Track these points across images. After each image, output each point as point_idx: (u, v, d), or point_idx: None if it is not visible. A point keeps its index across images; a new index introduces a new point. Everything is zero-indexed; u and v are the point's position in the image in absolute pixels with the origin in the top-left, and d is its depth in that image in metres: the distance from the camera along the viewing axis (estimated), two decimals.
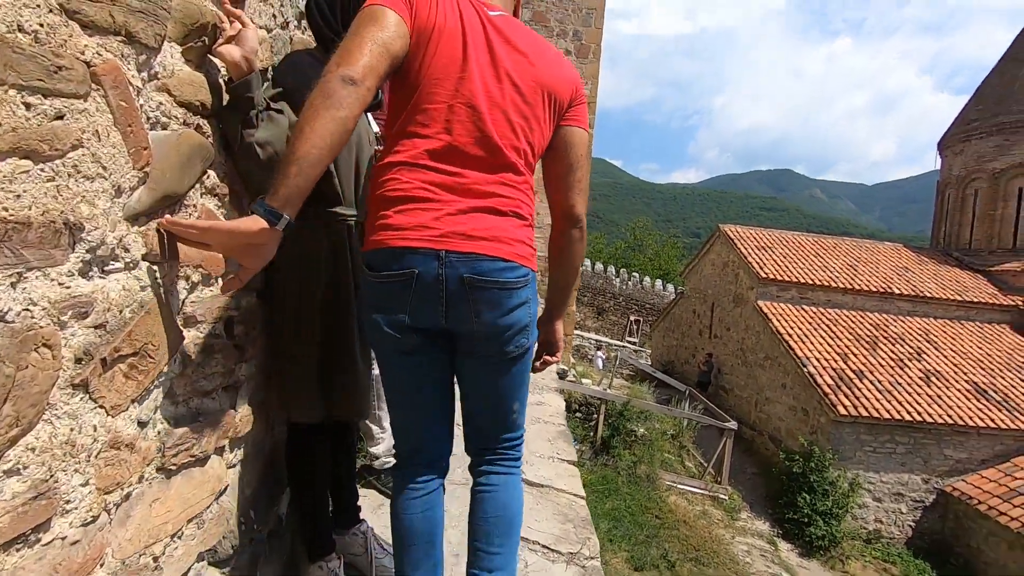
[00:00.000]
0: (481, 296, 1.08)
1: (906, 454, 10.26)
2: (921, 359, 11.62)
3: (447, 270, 1.06)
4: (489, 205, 1.10)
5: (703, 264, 16.52)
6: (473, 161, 1.09)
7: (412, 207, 1.06)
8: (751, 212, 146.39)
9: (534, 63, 1.16)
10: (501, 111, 1.12)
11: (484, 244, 1.07)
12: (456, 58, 1.09)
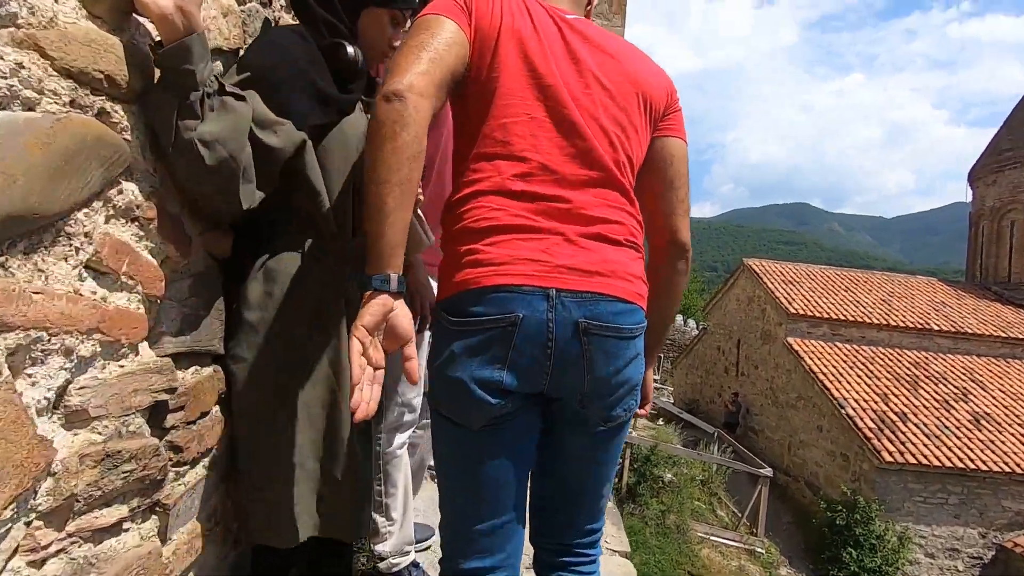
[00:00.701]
0: (597, 347, 0.89)
1: (960, 505, 9.45)
2: (968, 400, 10.87)
3: (558, 314, 0.86)
4: (601, 232, 0.91)
5: (727, 299, 15.99)
6: (573, 181, 0.91)
7: (510, 237, 0.87)
8: (769, 246, 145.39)
9: (623, 63, 0.99)
10: (593, 118, 0.94)
11: (602, 281, 0.89)
12: (532, 62, 0.93)
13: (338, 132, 0.98)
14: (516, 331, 0.86)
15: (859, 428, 9.85)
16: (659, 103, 1.03)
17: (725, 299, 16.10)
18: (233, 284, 0.93)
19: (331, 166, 0.98)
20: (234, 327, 0.92)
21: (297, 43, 0.92)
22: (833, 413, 10.55)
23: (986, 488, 9.42)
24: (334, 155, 0.98)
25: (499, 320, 0.86)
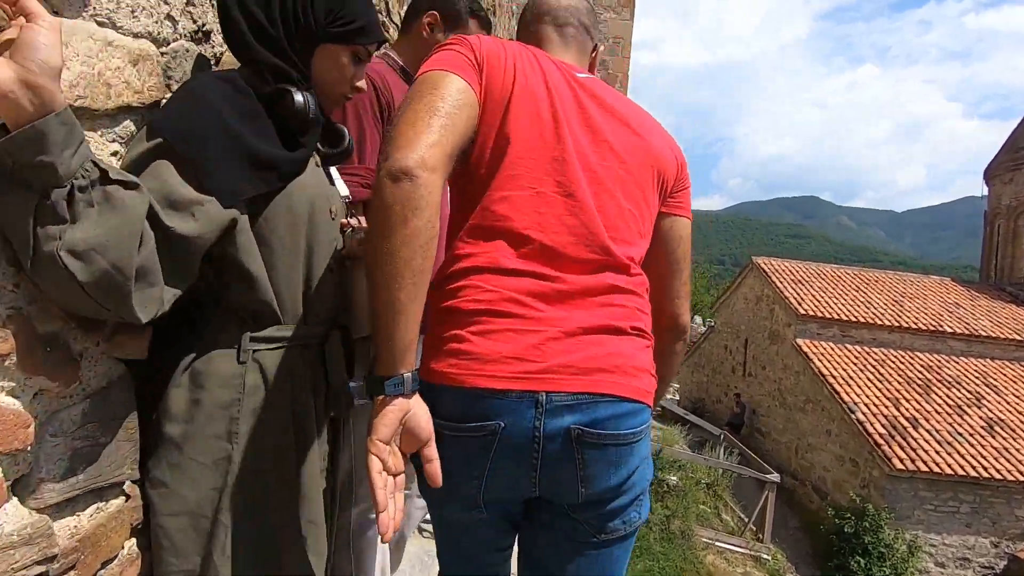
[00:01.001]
0: (594, 456, 0.79)
1: (972, 514, 9.25)
2: (981, 405, 10.63)
3: (548, 421, 0.76)
4: (605, 323, 0.82)
5: (735, 298, 15.75)
6: (577, 262, 0.82)
7: (501, 327, 0.77)
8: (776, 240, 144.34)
9: (639, 133, 0.93)
10: (608, 195, 0.87)
11: (602, 379, 0.79)
12: (543, 130, 0.85)
13: (284, 200, 0.82)
14: (496, 442, 0.77)
15: (869, 434, 9.65)
16: (671, 178, 0.97)
17: (733, 298, 15.86)
18: (156, 387, 0.77)
19: (275, 243, 0.81)
20: (154, 443, 0.76)
21: (227, 94, 0.74)
22: (843, 417, 10.35)
23: (999, 497, 9.21)
24: (279, 228, 0.82)
25: (479, 428, 0.77)
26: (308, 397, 0.86)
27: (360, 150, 1.18)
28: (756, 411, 13.85)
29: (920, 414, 10.21)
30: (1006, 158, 15.18)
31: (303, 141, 0.85)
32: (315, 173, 0.90)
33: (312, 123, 0.83)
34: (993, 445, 9.65)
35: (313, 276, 0.88)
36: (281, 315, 0.84)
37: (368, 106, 1.19)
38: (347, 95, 0.92)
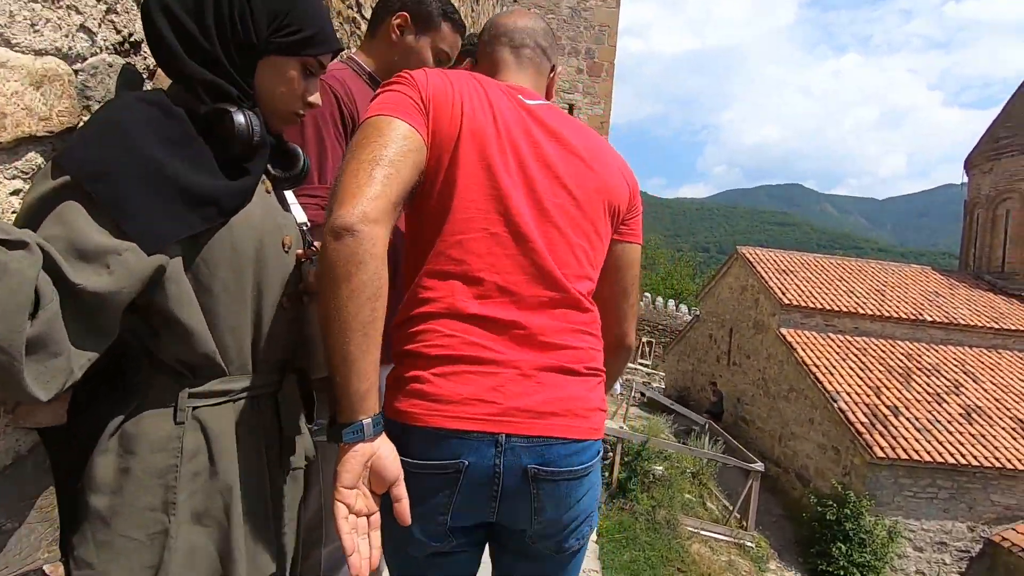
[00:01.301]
0: (547, 490, 0.85)
1: (949, 499, 9.45)
2: (960, 393, 10.83)
3: (507, 460, 0.81)
4: (560, 364, 0.86)
5: (720, 287, 15.83)
6: (532, 304, 0.86)
7: (461, 369, 0.81)
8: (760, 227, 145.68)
9: (591, 165, 0.93)
10: (558, 232, 0.88)
11: (556, 423, 0.84)
12: (494, 171, 0.86)
13: (226, 237, 0.72)
14: (461, 478, 0.81)
15: (851, 422, 9.78)
16: (623, 208, 0.99)
17: (718, 287, 15.94)
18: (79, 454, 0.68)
19: (217, 287, 0.72)
20: (78, 519, 0.67)
21: (151, 118, 0.64)
22: (825, 406, 10.48)
23: (975, 483, 9.41)
24: (221, 271, 0.72)
25: (444, 467, 0.80)
26: (259, 456, 0.77)
27: (321, 168, 1.07)
28: (740, 400, 13.99)
29: (900, 402, 10.37)
30: (986, 147, 15.35)
31: (248, 168, 0.75)
32: (264, 202, 0.80)
33: (257, 147, 0.73)
34: (970, 432, 9.84)
35: (263, 320, 0.78)
36: (225, 366, 0.74)
37: (329, 119, 1.08)
38: (298, 112, 0.82)
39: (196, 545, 0.70)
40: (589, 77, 11.21)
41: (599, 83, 11.22)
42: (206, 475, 0.71)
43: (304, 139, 1.05)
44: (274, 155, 0.84)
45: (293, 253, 0.86)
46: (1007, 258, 14.72)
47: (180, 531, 0.68)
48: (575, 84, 11.18)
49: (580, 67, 11.14)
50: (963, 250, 16.57)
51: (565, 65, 11.17)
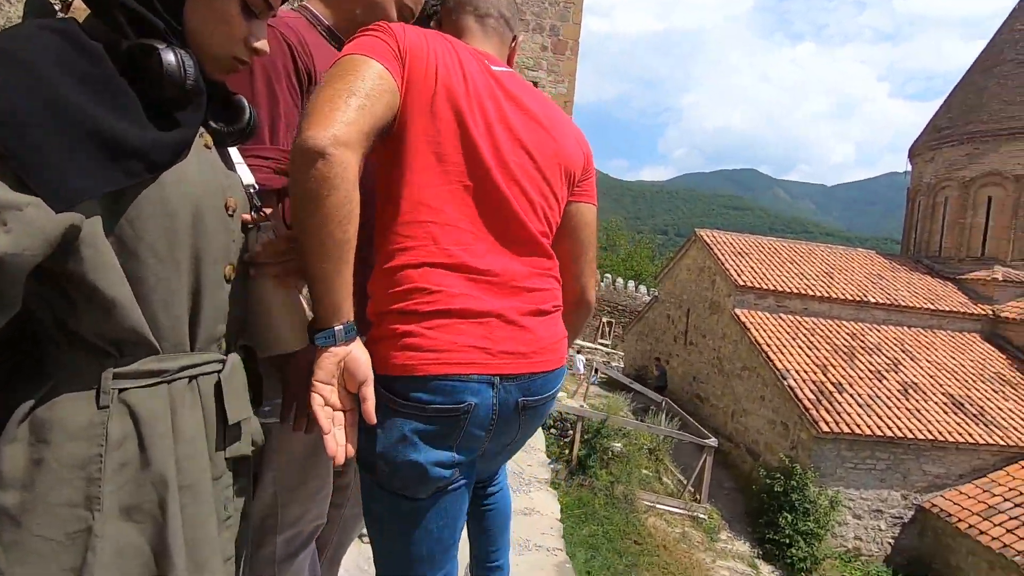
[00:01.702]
0: (530, 415, 1.00)
1: (886, 470, 10.05)
2: (898, 370, 11.46)
3: (501, 397, 0.92)
4: (535, 307, 0.97)
5: (678, 268, 16.17)
6: (507, 254, 0.94)
7: (451, 321, 0.88)
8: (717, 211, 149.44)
9: (550, 132, 1.01)
10: (521, 190, 0.95)
11: (537, 360, 0.96)
12: (467, 129, 0.90)
13: (155, 196, 0.62)
14: (468, 418, 0.90)
15: (799, 399, 10.22)
16: (578, 171, 1.07)
17: (677, 268, 16.27)
18: None
19: (145, 253, 0.62)
20: None
21: (60, 53, 0.54)
22: (776, 383, 10.91)
23: (910, 454, 10.02)
24: (150, 234, 0.63)
25: (453, 409, 0.88)
26: (199, 442, 0.69)
27: (273, 127, 0.96)
28: (696, 378, 14.42)
29: (845, 379, 10.90)
30: (929, 138, 16.06)
31: (181, 118, 0.65)
32: (203, 159, 0.70)
33: (191, 93, 0.64)
34: (907, 407, 10.44)
35: (203, 291, 0.70)
36: (158, 343, 0.66)
37: (282, 70, 0.95)
38: (240, 59, 0.72)
39: (125, 543, 0.62)
40: (553, 55, 11.07)
41: (563, 61, 11.10)
42: (136, 465, 0.62)
43: (253, 92, 0.93)
44: (216, 106, 0.74)
45: (239, 217, 0.77)
46: (944, 243, 15.56)
47: (106, 529, 0.60)
48: (539, 62, 11.03)
49: (544, 44, 10.99)
50: (905, 235, 17.41)
51: (529, 42, 10.99)
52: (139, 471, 0.63)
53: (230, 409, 0.73)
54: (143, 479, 0.63)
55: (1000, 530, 8.68)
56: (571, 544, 7.43)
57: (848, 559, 9.86)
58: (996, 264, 14.15)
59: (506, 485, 1.32)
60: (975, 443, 9.91)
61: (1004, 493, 9.40)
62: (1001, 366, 12.14)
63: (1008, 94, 14.47)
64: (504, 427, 0.95)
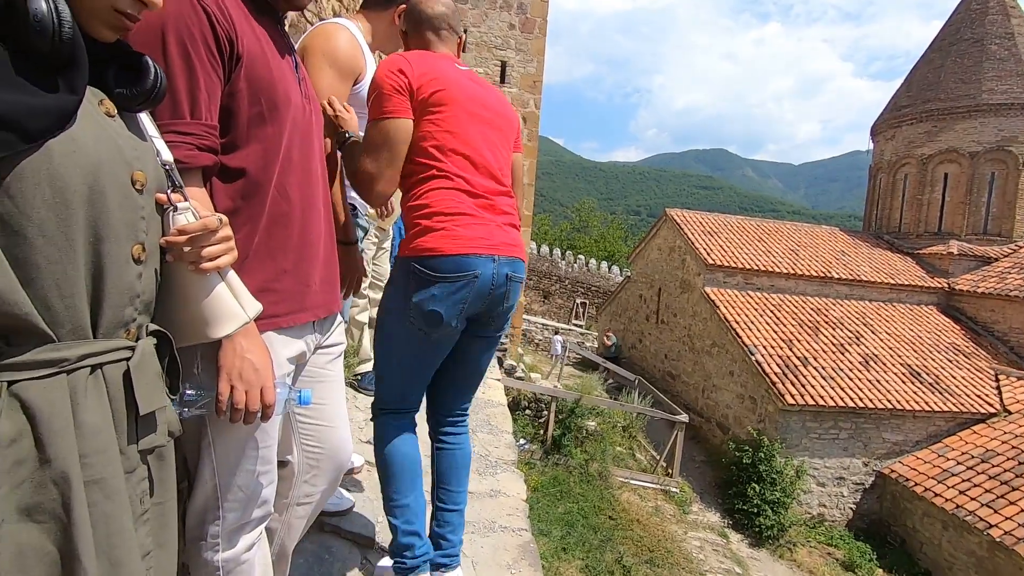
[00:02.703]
0: (512, 287, 1.44)
1: (848, 439, 10.43)
2: (860, 343, 11.85)
3: (498, 269, 1.39)
4: (509, 221, 1.47)
5: (649, 248, 16.33)
6: (493, 189, 1.44)
7: (469, 221, 1.37)
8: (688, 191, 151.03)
9: (501, 112, 1.53)
10: (495, 151, 1.48)
11: (515, 250, 1.45)
12: (463, 117, 1.42)
13: (40, 167, 0.57)
14: (477, 282, 1.35)
15: (766, 373, 10.50)
16: (516, 134, 1.61)
17: (648, 248, 16.43)
18: None
19: (30, 230, 0.57)
20: None
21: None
22: (744, 359, 11.18)
23: (870, 423, 10.42)
24: (35, 210, 0.57)
25: (466, 275, 1.34)
26: (105, 435, 0.64)
27: (193, 99, 0.88)
28: (667, 356, 14.68)
29: (809, 353, 11.23)
30: (889, 116, 16.44)
31: (64, 80, 0.59)
32: (101, 127, 0.64)
33: (66, 46, 0.57)
34: (868, 378, 10.83)
35: (105, 272, 0.64)
36: (52, 329, 0.60)
37: (199, 38, 0.87)
38: (123, 11, 0.65)
39: (26, 545, 0.57)
40: (522, 33, 10.90)
41: (532, 40, 10.95)
42: (33, 463, 0.57)
43: (167, 60, 0.85)
44: (118, 70, 0.68)
45: (149, 194, 0.71)
46: (903, 219, 16.05)
47: (3, 531, 0.56)
48: (507, 40, 10.86)
49: (512, 22, 10.81)
50: (867, 212, 17.89)
51: (497, 20, 10.79)
52: (38, 469, 0.58)
53: (141, 399, 0.68)
54: (43, 477, 0.58)
55: (953, 492, 9.13)
56: (547, 522, 7.54)
57: (813, 525, 10.25)
58: (952, 239, 14.68)
59: (467, 442, 1.60)
60: (931, 411, 10.35)
61: (957, 457, 9.87)
62: (955, 336, 12.67)
63: (964, 73, 14.88)
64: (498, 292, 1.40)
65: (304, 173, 1.07)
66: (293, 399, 0.96)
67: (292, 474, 1.18)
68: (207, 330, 0.80)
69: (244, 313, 0.83)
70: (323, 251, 1.13)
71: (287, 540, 1.22)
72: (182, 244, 0.74)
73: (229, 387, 0.86)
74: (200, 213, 0.77)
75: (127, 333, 0.70)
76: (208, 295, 0.79)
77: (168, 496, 0.76)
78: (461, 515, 1.51)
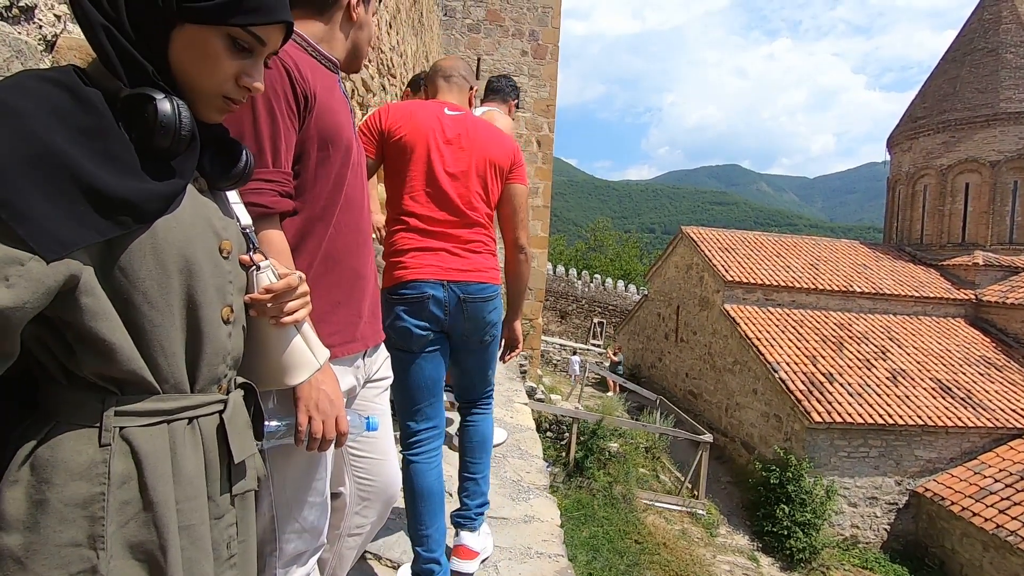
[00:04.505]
0: (470, 308, 1.65)
1: (879, 457, 10.16)
2: (886, 358, 11.61)
3: (449, 292, 1.62)
4: (468, 247, 1.67)
5: (666, 266, 16.27)
6: (453, 223, 1.66)
7: (421, 254, 1.63)
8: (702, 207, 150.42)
9: (483, 147, 1.71)
10: (465, 187, 1.68)
11: (470, 275, 1.65)
12: (424, 160, 1.65)
13: (146, 243, 0.63)
14: (430, 301, 1.60)
15: (791, 391, 10.32)
16: (505, 165, 1.76)
17: (665, 266, 16.38)
18: None
19: (139, 299, 0.63)
20: None
21: (57, 104, 0.54)
22: (767, 376, 11.00)
23: (901, 440, 10.15)
24: (142, 281, 0.63)
25: (422, 296, 1.60)
26: (197, 484, 0.69)
27: (275, 149, 0.96)
28: (688, 374, 14.51)
29: (835, 369, 11.02)
30: (905, 127, 16.33)
31: (176, 166, 0.65)
32: (196, 203, 0.70)
33: (185, 141, 0.64)
34: (896, 394, 10.58)
35: (201, 334, 0.70)
36: (158, 384, 0.66)
37: (281, 93, 0.96)
38: (232, 98, 0.71)
39: None
40: (534, 59, 11.13)
41: (544, 66, 11.16)
42: (137, 504, 0.63)
43: (255, 115, 0.93)
44: (210, 147, 0.75)
45: (235, 259, 0.77)
46: (925, 231, 15.81)
47: (112, 568, 0.61)
48: (520, 67, 11.08)
49: (525, 49, 11.04)
50: (886, 224, 17.66)
51: (509, 47, 11.04)
52: (141, 511, 0.63)
53: (235, 448, 0.73)
54: (145, 518, 0.63)
55: (992, 511, 8.81)
56: (572, 547, 7.43)
57: (846, 547, 9.94)
58: (976, 249, 14.41)
59: (483, 422, 1.85)
60: (964, 426, 10.06)
61: (994, 474, 9.54)
62: (986, 349, 12.35)
63: (980, 82, 14.77)
64: (457, 313, 1.62)
65: (357, 210, 1.14)
66: (362, 426, 1.02)
67: (344, 505, 1.22)
68: (284, 378, 0.86)
69: (316, 361, 0.89)
70: (371, 283, 1.20)
71: (339, 570, 1.26)
72: (266, 301, 0.80)
73: (307, 417, 0.92)
74: (279, 271, 0.83)
75: (219, 388, 0.75)
76: (286, 347, 0.85)
77: (250, 534, 0.80)
78: (477, 483, 1.81)
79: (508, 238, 1.82)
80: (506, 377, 3.64)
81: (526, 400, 3.33)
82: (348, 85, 2.80)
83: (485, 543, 1.84)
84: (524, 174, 1.81)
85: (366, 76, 3.00)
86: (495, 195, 1.73)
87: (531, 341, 11.91)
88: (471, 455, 1.82)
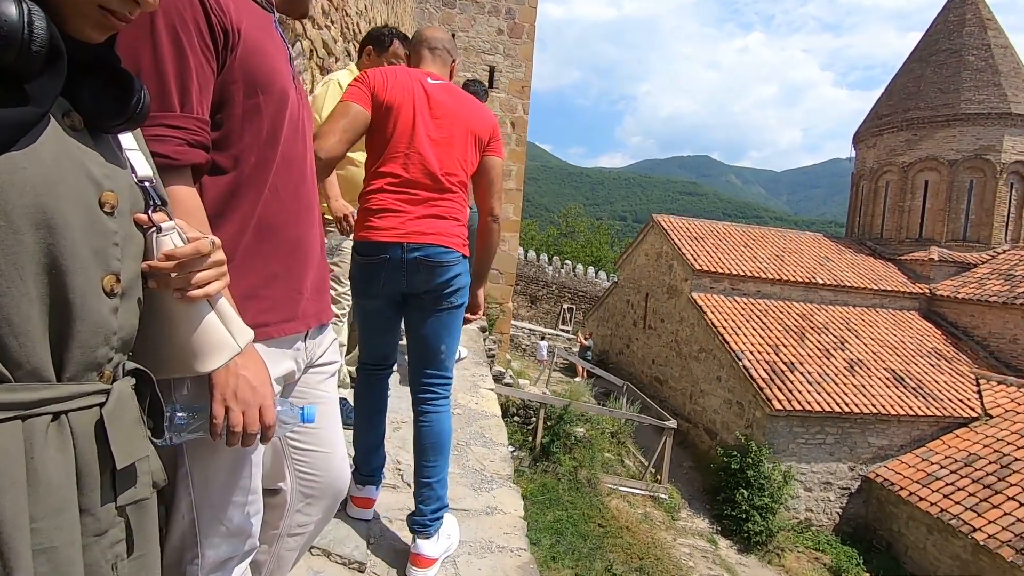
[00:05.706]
0: (428, 270, 1.65)
1: (834, 444, 10.50)
2: (845, 348, 11.96)
3: (407, 253, 1.63)
4: (434, 213, 1.68)
5: (637, 254, 16.37)
6: (427, 186, 1.68)
7: (386, 215, 1.65)
8: (673, 197, 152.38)
9: (463, 116, 1.75)
10: (445, 153, 1.70)
11: (430, 238, 1.65)
12: (409, 123, 1.67)
13: None
14: (388, 261, 1.64)
15: (753, 378, 10.54)
16: (484, 136, 1.79)
17: (635, 253, 16.47)
18: None
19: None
20: None
21: None
22: (731, 364, 11.21)
23: (856, 428, 10.50)
24: None
25: (378, 257, 1.65)
26: (64, 493, 0.55)
27: (183, 90, 0.79)
28: (655, 361, 14.70)
29: (796, 359, 11.30)
30: (871, 124, 16.71)
31: (30, 91, 0.51)
32: (62, 144, 0.56)
33: (39, 58, 0.50)
34: (853, 383, 10.92)
35: (70, 308, 0.56)
36: (8, 370, 0.52)
37: (192, 25, 0.79)
38: (111, 9, 0.57)
39: None
40: (510, 39, 10.88)
41: (520, 45, 10.93)
42: None
43: (154, 43, 0.77)
44: (95, 77, 0.60)
45: (124, 216, 0.62)
46: (885, 226, 16.29)
47: None
48: (495, 45, 10.83)
49: (501, 28, 10.78)
50: (849, 218, 18.13)
51: (485, 25, 10.76)
52: None
53: (118, 451, 0.60)
54: None
55: (937, 496, 9.22)
56: (536, 531, 7.45)
57: (800, 530, 10.28)
58: (932, 245, 14.93)
59: (439, 421, 1.73)
60: (915, 415, 10.46)
61: (940, 461, 9.98)
62: (937, 341, 12.85)
63: (943, 83, 15.18)
64: (412, 275, 1.64)
65: (298, 172, 0.99)
66: (296, 417, 0.88)
67: (284, 503, 1.09)
68: (195, 363, 0.72)
69: (235, 343, 0.74)
70: (316, 255, 1.05)
71: (277, 573, 1.13)
72: (169, 270, 0.66)
73: (224, 408, 0.78)
74: (189, 234, 0.69)
75: (100, 376, 0.62)
76: (196, 326, 0.71)
77: (149, 547, 0.67)
78: (432, 488, 1.70)
79: (483, 207, 1.84)
80: (473, 362, 3.54)
81: (492, 386, 3.24)
82: (306, 44, 2.58)
83: (446, 544, 1.74)
84: (501, 147, 1.85)
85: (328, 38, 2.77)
86: (472, 165, 1.76)
87: (501, 325, 11.83)
88: (426, 457, 1.70)
